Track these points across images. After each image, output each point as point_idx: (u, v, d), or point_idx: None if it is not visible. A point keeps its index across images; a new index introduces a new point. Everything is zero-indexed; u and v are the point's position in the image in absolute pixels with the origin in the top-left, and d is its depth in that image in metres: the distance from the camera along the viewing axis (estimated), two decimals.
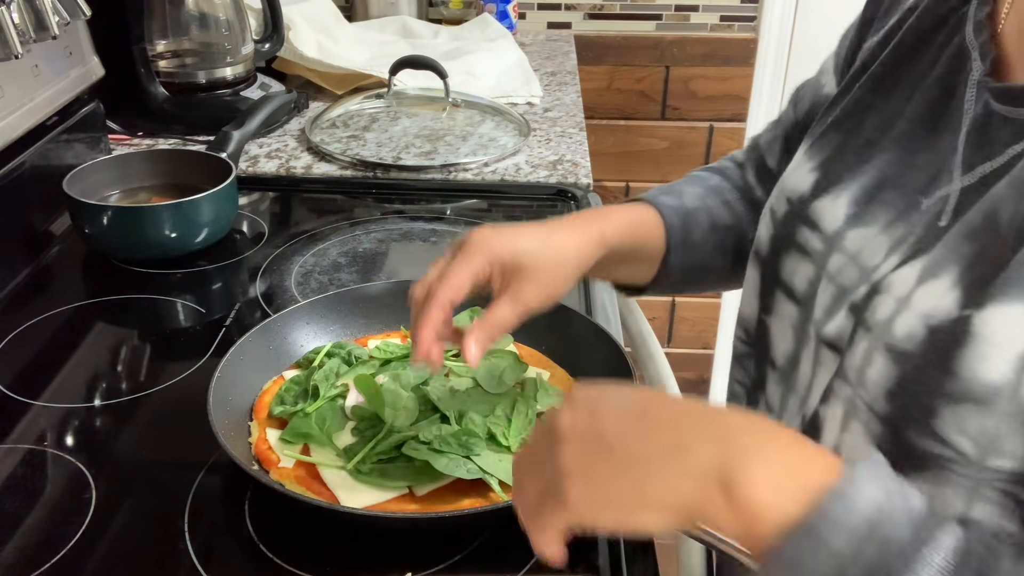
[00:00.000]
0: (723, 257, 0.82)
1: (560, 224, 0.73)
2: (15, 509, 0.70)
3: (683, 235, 0.79)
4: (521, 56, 1.70)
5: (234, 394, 0.77)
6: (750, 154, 0.87)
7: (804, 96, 0.80)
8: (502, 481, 0.69)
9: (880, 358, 0.54)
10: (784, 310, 0.68)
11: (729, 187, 0.85)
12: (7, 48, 0.93)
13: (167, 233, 1.05)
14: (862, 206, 0.62)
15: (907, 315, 0.53)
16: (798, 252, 0.66)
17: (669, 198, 0.81)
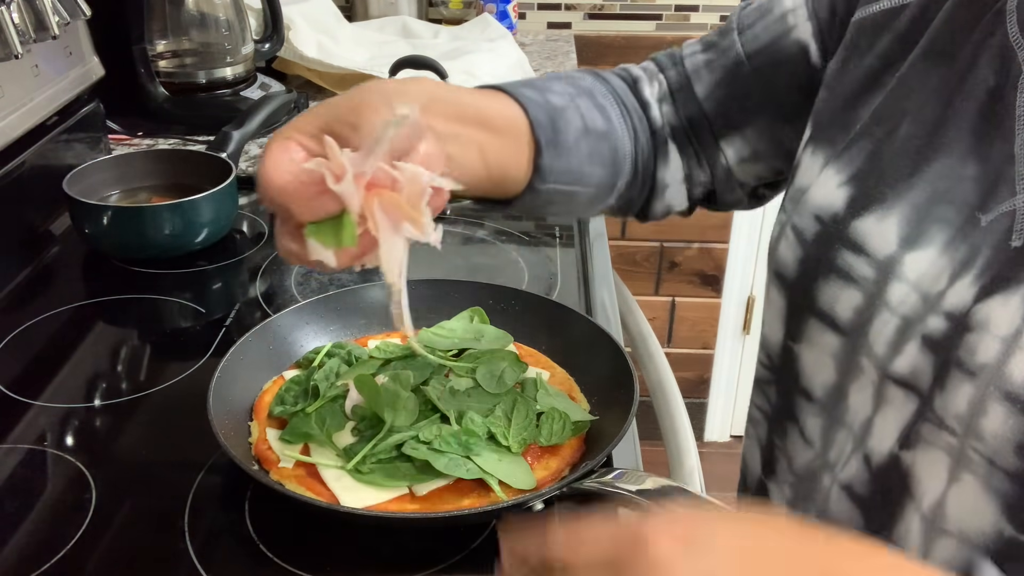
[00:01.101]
0: (599, 168, 0.70)
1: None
2: (15, 509, 0.70)
3: (553, 133, 0.66)
4: (521, 56, 1.70)
5: (234, 394, 0.77)
6: (665, 70, 0.77)
7: (757, 29, 0.71)
8: (502, 481, 0.69)
9: (999, 408, 0.49)
10: (821, 339, 0.63)
11: (605, 91, 0.73)
12: (7, 48, 0.93)
13: (167, 233, 1.05)
14: (915, 226, 0.56)
15: (1021, 357, 0.48)
16: (839, 278, 0.60)
17: (529, 90, 0.67)
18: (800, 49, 0.70)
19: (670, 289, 2.32)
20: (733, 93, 0.73)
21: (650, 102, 0.75)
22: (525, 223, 1.19)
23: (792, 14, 0.70)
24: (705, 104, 0.74)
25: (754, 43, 0.71)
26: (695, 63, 0.75)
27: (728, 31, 0.74)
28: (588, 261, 1.09)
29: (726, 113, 0.74)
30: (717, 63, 0.73)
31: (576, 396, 0.81)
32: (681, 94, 0.75)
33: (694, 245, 2.25)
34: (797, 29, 0.69)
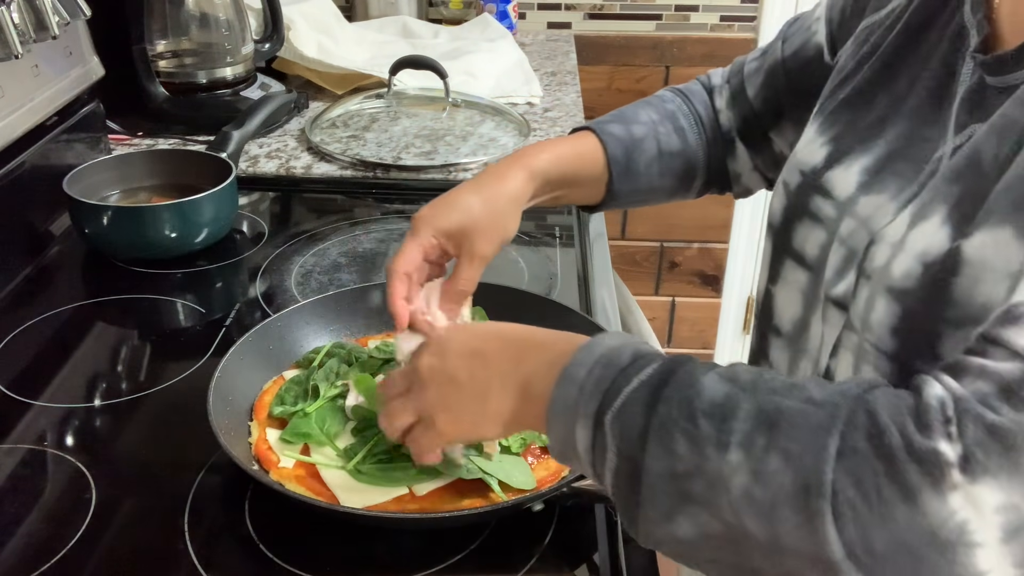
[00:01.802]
0: (670, 179, 0.88)
1: (491, 171, 0.80)
2: (15, 509, 0.70)
3: (626, 163, 0.85)
4: (521, 56, 1.70)
5: (234, 394, 0.77)
6: (730, 77, 0.91)
7: (794, 36, 0.84)
8: (502, 481, 0.69)
9: (882, 301, 0.57)
10: (793, 277, 0.71)
11: (687, 112, 0.90)
12: (7, 48, 0.93)
13: (167, 233, 1.05)
14: (873, 175, 0.65)
15: (903, 257, 0.56)
16: (810, 220, 0.69)
17: (617, 126, 0.87)
18: (818, 50, 0.81)
19: (670, 289, 2.32)
20: (774, 92, 0.86)
21: (721, 109, 0.90)
22: (525, 223, 1.19)
23: (816, 22, 0.82)
24: (755, 103, 0.87)
25: (789, 49, 0.84)
26: (750, 69, 0.89)
27: (777, 39, 0.87)
28: (588, 261, 1.09)
29: (770, 109, 0.86)
30: (764, 68, 0.87)
31: None
32: (739, 97, 0.89)
33: (694, 245, 2.25)
34: (817, 34, 0.81)
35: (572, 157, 0.84)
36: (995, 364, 0.44)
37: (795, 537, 0.43)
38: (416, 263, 0.75)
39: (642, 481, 0.49)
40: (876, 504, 0.42)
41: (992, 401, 0.43)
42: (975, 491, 0.41)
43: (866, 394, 0.46)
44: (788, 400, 0.46)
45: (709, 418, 0.47)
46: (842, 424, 0.44)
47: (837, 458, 0.43)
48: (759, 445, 0.45)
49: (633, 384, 0.50)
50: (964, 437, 0.42)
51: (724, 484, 0.45)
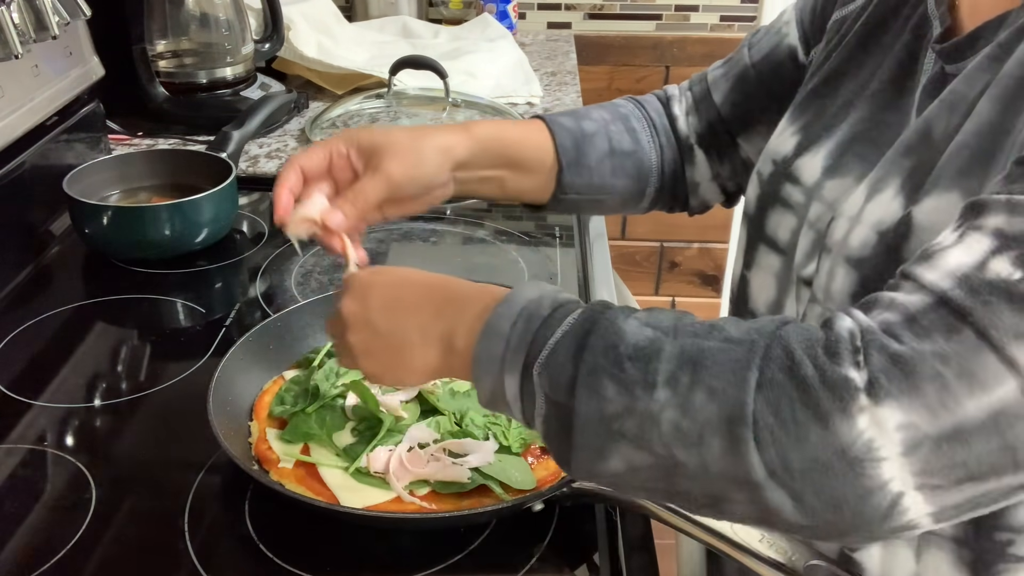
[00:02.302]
0: (622, 179, 0.86)
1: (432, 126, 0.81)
2: (15, 509, 0.70)
3: (576, 155, 0.83)
4: (521, 56, 1.70)
5: (234, 394, 0.77)
6: (691, 86, 0.91)
7: (761, 42, 0.85)
8: (502, 482, 0.69)
9: (841, 271, 0.61)
10: (766, 261, 0.74)
11: (639, 115, 0.89)
12: (7, 48, 0.93)
13: (167, 233, 1.05)
14: (837, 159, 0.67)
15: (860, 228, 0.60)
16: (782, 206, 0.71)
17: (567, 119, 0.85)
18: (791, 52, 0.82)
19: (670, 289, 2.32)
20: (743, 96, 0.86)
21: (678, 116, 0.90)
22: (525, 223, 1.19)
23: (786, 25, 0.83)
24: (722, 109, 0.87)
25: (758, 53, 0.85)
26: (715, 76, 0.89)
27: (742, 47, 0.88)
28: (588, 261, 1.09)
29: (739, 114, 0.86)
30: (731, 73, 0.87)
31: None
32: (703, 103, 0.89)
33: (694, 245, 2.25)
34: (789, 36, 0.82)
35: (518, 137, 0.82)
36: (903, 296, 0.48)
37: (722, 462, 0.47)
38: (318, 163, 0.73)
39: (574, 425, 0.51)
40: (792, 428, 0.45)
41: (897, 330, 0.46)
42: (879, 412, 0.45)
43: (779, 330, 0.49)
44: (708, 341, 0.49)
45: (634, 361, 0.49)
46: (759, 359, 0.47)
47: (757, 389, 0.46)
48: (684, 383, 0.48)
49: (557, 335, 0.52)
50: (870, 365, 0.45)
51: (654, 420, 0.48)
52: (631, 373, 0.49)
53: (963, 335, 0.45)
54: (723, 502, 0.49)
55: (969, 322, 0.45)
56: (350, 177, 0.74)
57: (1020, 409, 0.44)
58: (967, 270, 0.46)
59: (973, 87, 0.57)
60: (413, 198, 0.76)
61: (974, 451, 0.45)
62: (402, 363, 0.61)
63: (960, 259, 0.47)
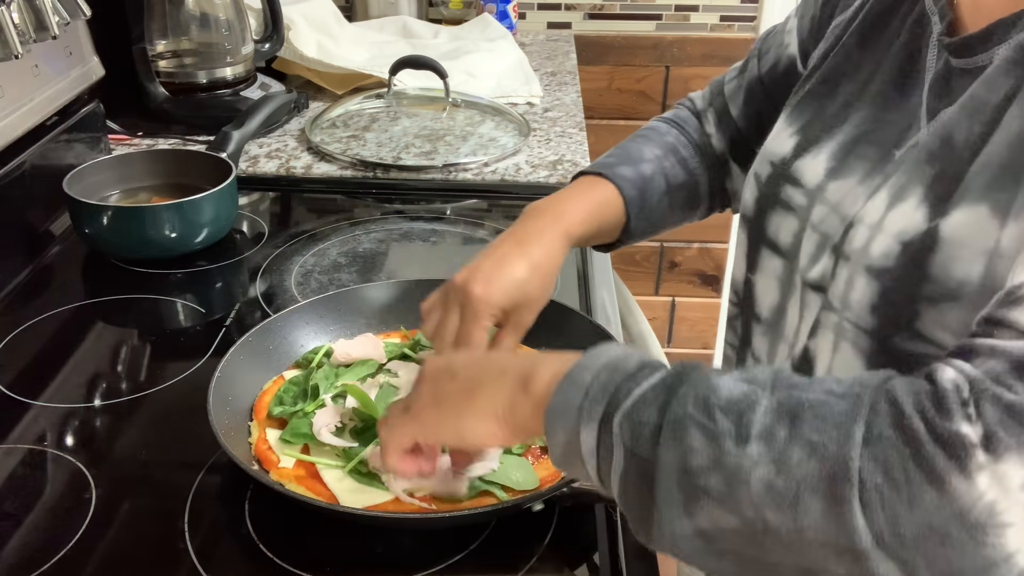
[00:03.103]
0: (679, 212, 0.90)
1: (533, 234, 0.77)
2: (15, 509, 0.70)
3: (641, 203, 0.85)
4: (521, 56, 1.70)
5: (234, 394, 0.77)
6: (712, 99, 0.91)
7: (768, 50, 0.86)
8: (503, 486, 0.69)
9: (861, 280, 0.60)
10: (769, 265, 0.73)
11: (686, 142, 0.90)
12: (7, 48, 0.93)
13: (167, 233, 1.05)
14: (840, 160, 0.67)
15: (881, 237, 0.59)
16: (782, 209, 0.71)
17: (627, 168, 0.85)
18: (790, 63, 0.82)
19: (670, 289, 2.32)
20: (755, 109, 0.86)
21: (711, 133, 0.91)
22: None
23: (788, 35, 0.83)
24: (739, 123, 0.88)
25: (766, 64, 0.86)
26: (731, 89, 0.90)
27: (752, 56, 0.88)
28: (588, 261, 1.09)
29: (754, 127, 0.86)
30: (744, 86, 0.88)
31: None
32: (724, 118, 0.90)
33: (694, 245, 2.25)
34: (789, 47, 0.83)
35: (599, 210, 0.83)
36: (1005, 344, 0.44)
37: (820, 527, 0.43)
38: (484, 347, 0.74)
39: (655, 479, 0.47)
40: (904, 489, 0.42)
41: (1006, 379, 0.43)
42: (1001, 469, 0.41)
43: (885, 383, 0.46)
44: (809, 393, 0.46)
45: (727, 413, 0.46)
46: (866, 412, 0.44)
47: (863, 445, 0.43)
48: (781, 437, 0.45)
49: (643, 387, 0.50)
50: (984, 417, 0.42)
51: (743, 477, 0.45)
52: (722, 424, 0.46)
53: None
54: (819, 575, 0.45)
55: None
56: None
57: None
58: None
59: (995, 92, 0.56)
60: None
61: None
62: (469, 405, 0.57)
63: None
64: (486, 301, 0.72)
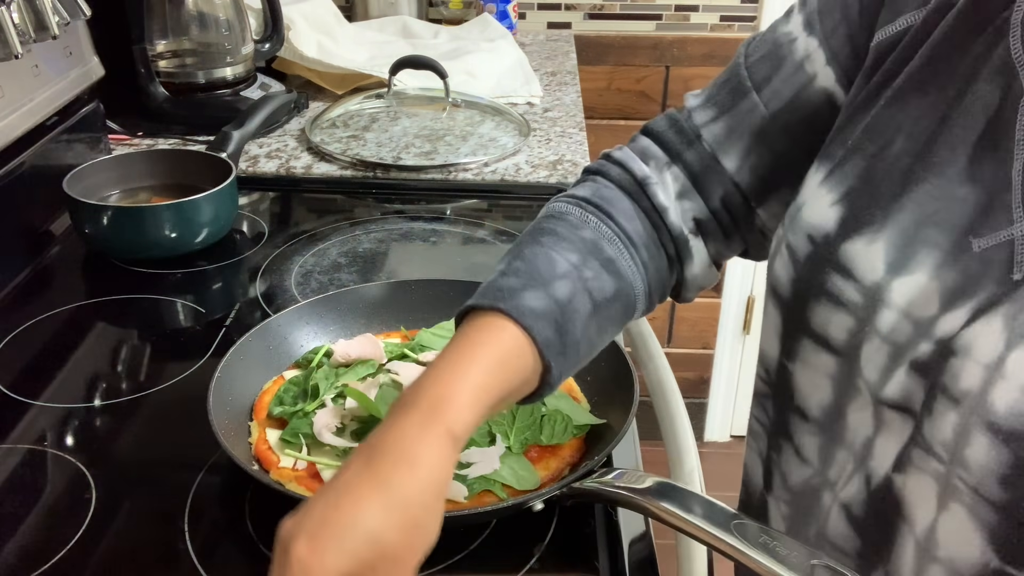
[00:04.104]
0: (612, 329, 0.67)
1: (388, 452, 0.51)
2: (15, 509, 0.70)
3: (561, 342, 0.60)
4: (521, 56, 1.70)
5: (234, 394, 0.77)
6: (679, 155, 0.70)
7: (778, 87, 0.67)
8: (504, 484, 0.69)
9: (982, 438, 0.49)
10: (816, 360, 0.61)
11: (612, 235, 0.67)
12: (7, 48, 0.93)
13: (167, 233, 1.05)
14: (902, 250, 0.54)
15: (1003, 386, 0.47)
16: (830, 302, 0.58)
17: (534, 295, 0.60)
18: (826, 97, 0.65)
19: None
20: (766, 156, 0.68)
21: (667, 207, 0.69)
22: (525, 223, 1.19)
23: (809, 62, 0.65)
24: (737, 177, 0.69)
25: (777, 100, 0.67)
26: (715, 135, 0.69)
27: (741, 91, 0.68)
28: None
29: (762, 177, 0.69)
30: (742, 129, 0.68)
31: (576, 396, 0.81)
32: (707, 176, 0.69)
33: None
34: (818, 78, 0.65)
35: (500, 373, 0.57)
36: None
37: None
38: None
39: None
40: None
41: None
42: None
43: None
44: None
45: None
46: None
47: None
48: None
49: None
50: None
51: None
52: None
53: None
54: None
55: None
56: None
57: None
58: None
59: None
60: None
61: None
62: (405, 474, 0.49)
63: None
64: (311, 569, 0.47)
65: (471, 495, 0.68)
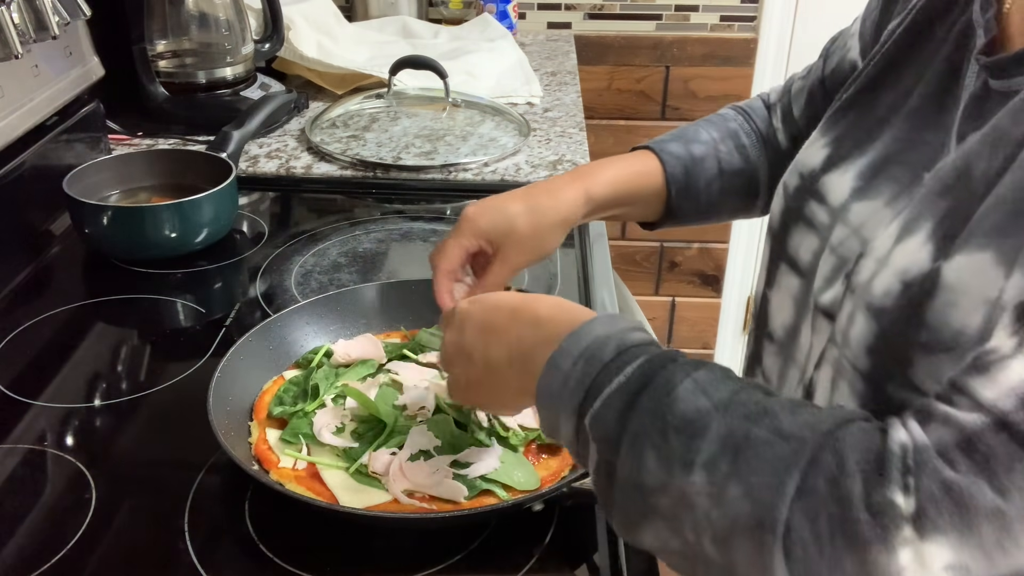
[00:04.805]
0: (734, 197, 0.89)
1: (546, 186, 0.81)
2: (15, 509, 0.70)
3: (686, 181, 0.85)
4: (521, 56, 1.70)
5: (234, 394, 0.77)
6: (782, 97, 0.91)
7: (834, 53, 0.83)
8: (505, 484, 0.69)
9: (861, 317, 0.56)
10: (786, 282, 0.71)
11: (749, 129, 0.90)
12: (7, 48, 0.93)
13: (167, 233, 1.05)
14: (868, 180, 0.64)
15: (885, 273, 0.55)
16: (805, 225, 0.69)
17: (677, 145, 0.86)
18: (852, 68, 0.79)
19: (670, 289, 2.32)
20: (815, 111, 0.83)
21: (778, 127, 0.90)
22: None
23: (852, 38, 0.80)
24: (800, 121, 0.87)
25: (829, 66, 0.83)
26: (796, 88, 0.88)
27: (820, 57, 0.86)
28: (588, 261, 1.09)
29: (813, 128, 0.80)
30: (807, 86, 0.86)
31: None
32: (788, 116, 0.89)
33: (694, 245, 2.25)
34: (851, 51, 0.80)
35: (630, 176, 0.84)
36: (959, 414, 0.43)
37: (748, 566, 0.44)
38: (459, 261, 0.77)
39: (615, 484, 0.49)
40: (827, 549, 0.41)
41: (952, 453, 0.42)
42: (925, 549, 0.40)
43: (837, 431, 0.45)
44: (757, 428, 0.46)
45: (679, 433, 0.47)
46: (805, 462, 0.43)
47: (795, 496, 0.43)
48: (722, 470, 0.45)
49: (612, 386, 0.51)
50: (920, 491, 0.41)
51: (688, 503, 0.46)
52: (673, 446, 0.47)
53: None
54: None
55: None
56: (483, 262, 0.79)
57: None
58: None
59: (1019, 124, 0.51)
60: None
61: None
62: (496, 389, 0.62)
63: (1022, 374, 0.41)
64: (471, 220, 0.77)
65: (471, 495, 0.68)
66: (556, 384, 0.53)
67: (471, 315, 0.64)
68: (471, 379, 0.63)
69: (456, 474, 0.69)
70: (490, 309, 0.63)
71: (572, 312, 0.58)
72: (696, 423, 0.47)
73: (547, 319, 0.59)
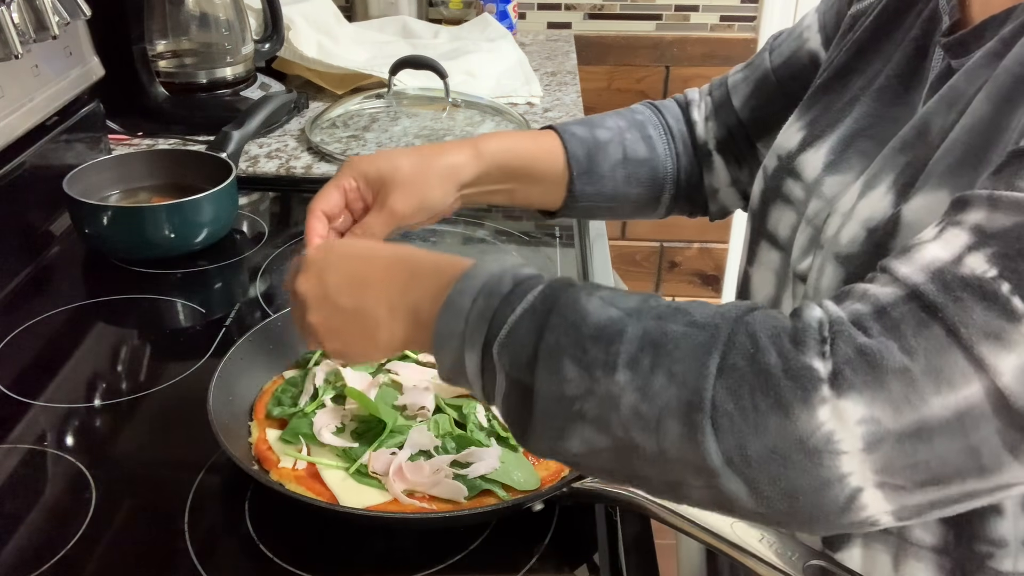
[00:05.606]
0: (636, 187, 0.86)
1: (438, 143, 0.80)
2: (15, 509, 0.70)
3: (588, 164, 0.83)
4: (521, 56, 1.70)
5: (234, 394, 0.77)
6: (711, 90, 0.90)
7: (782, 46, 0.84)
8: (505, 484, 0.69)
9: (830, 267, 0.61)
10: (767, 257, 0.73)
11: (656, 122, 0.88)
12: (7, 48, 0.93)
13: (167, 233, 1.05)
14: (839, 154, 0.67)
15: (850, 224, 0.60)
16: (783, 202, 0.71)
17: (581, 128, 0.85)
18: (812, 58, 0.81)
19: (670, 289, 2.32)
20: (762, 101, 0.85)
21: (697, 121, 0.89)
22: (525, 223, 1.19)
23: (807, 30, 0.82)
24: (741, 113, 0.86)
25: (779, 58, 0.84)
26: (735, 80, 0.88)
27: (763, 52, 0.87)
28: (588, 261, 1.09)
29: (758, 119, 0.85)
30: (751, 78, 0.86)
31: None
32: (723, 109, 0.88)
33: (694, 245, 2.25)
34: (809, 42, 0.81)
35: (528, 148, 0.82)
36: (876, 288, 0.47)
37: (679, 448, 0.47)
38: (336, 203, 0.74)
39: (534, 404, 0.51)
40: (752, 416, 0.45)
41: (866, 322, 0.46)
42: (841, 405, 0.44)
43: (746, 316, 0.48)
44: (672, 324, 0.49)
45: (596, 341, 0.49)
46: (722, 344, 0.47)
47: (717, 375, 0.46)
48: (645, 365, 0.47)
49: (517, 312, 0.52)
50: (836, 355, 0.45)
51: (614, 402, 0.48)
52: (592, 354, 0.49)
53: (932, 331, 0.44)
54: (681, 487, 0.49)
55: (939, 318, 0.44)
56: (362, 208, 0.76)
57: (985, 411, 0.43)
58: (942, 265, 0.45)
59: (972, 83, 0.56)
60: (419, 221, 0.77)
61: (937, 451, 0.44)
62: (369, 339, 0.60)
63: (936, 254, 0.46)
64: (353, 163, 0.74)
65: (471, 495, 0.68)
66: (456, 323, 0.54)
67: (330, 263, 0.62)
68: (336, 328, 0.61)
69: (456, 474, 0.69)
70: (358, 257, 0.62)
71: (454, 261, 0.58)
72: (610, 328, 0.49)
73: (432, 269, 0.58)
